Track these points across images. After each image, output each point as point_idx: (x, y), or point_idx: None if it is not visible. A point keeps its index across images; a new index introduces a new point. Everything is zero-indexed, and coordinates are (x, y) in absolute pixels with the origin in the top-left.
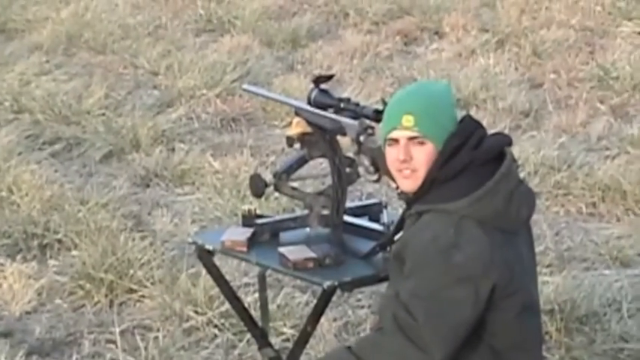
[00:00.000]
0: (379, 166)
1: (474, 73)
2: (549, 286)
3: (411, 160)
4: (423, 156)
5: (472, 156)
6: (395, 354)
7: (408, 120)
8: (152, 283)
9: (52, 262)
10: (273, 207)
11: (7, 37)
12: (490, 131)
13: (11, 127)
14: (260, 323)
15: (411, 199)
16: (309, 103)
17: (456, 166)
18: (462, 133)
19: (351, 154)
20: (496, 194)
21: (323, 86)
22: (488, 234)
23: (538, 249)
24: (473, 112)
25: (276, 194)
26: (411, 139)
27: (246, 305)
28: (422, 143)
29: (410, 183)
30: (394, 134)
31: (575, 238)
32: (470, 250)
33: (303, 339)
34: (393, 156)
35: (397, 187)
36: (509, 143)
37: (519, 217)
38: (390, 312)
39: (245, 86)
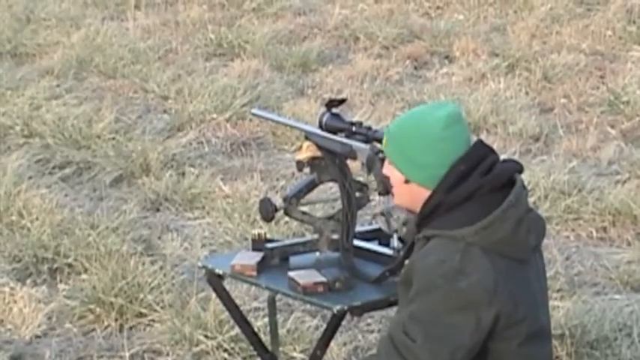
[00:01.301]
0: (389, 189)
1: (484, 97)
2: (559, 310)
3: (388, 178)
4: (392, 177)
5: (481, 182)
6: None
7: (384, 139)
8: (162, 307)
9: (62, 286)
10: (283, 231)
11: (18, 62)
12: (500, 156)
13: (22, 151)
14: (270, 348)
15: (419, 223)
16: (321, 126)
17: (464, 191)
18: (470, 157)
19: (361, 179)
20: (504, 222)
21: (335, 110)
22: (494, 262)
23: (548, 274)
24: (483, 137)
25: (286, 218)
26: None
27: (256, 329)
28: (393, 165)
29: (395, 200)
30: None
31: (585, 262)
32: (475, 277)
33: None
34: None
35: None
36: (520, 170)
37: (527, 245)
38: (387, 334)
39: (255, 110)
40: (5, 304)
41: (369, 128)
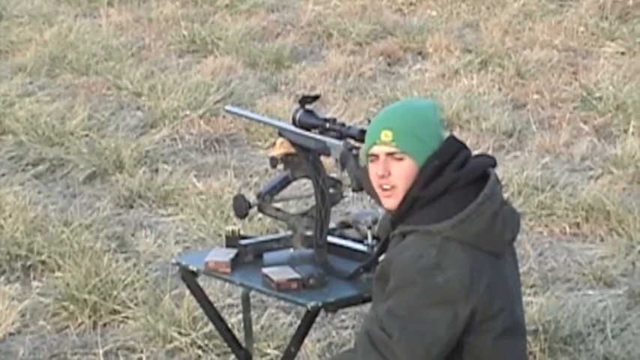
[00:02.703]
0: (363, 186)
1: (457, 93)
2: (533, 306)
3: (389, 175)
4: (401, 172)
5: (455, 177)
6: None
7: (386, 135)
8: (136, 304)
9: (35, 283)
10: (257, 228)
11: None
12: (474, 152)
13: None
14: (244, 344)
15: (394, 220)
16: (294, 123)
17: (439, 186)
18: (444, 153)
19: (335, 175)
20: (479, 216)
21: (308, 107)
22: (471, 256)
23: (522, 269)
24: (456, 133)
25: (260, 215)
26: (390, 154)
27: (230, 326)
28: (400, 159)
29: (391, 201)
30: (374, 150)
31: (558, 258)
32: (451, 272)
33: None
34: (373, 172)
35: (381, 207)
36: (494, 164)
37: (503, 238)
38: (364, 330)
39: (228, 107)
40: None
41: (343, 125)
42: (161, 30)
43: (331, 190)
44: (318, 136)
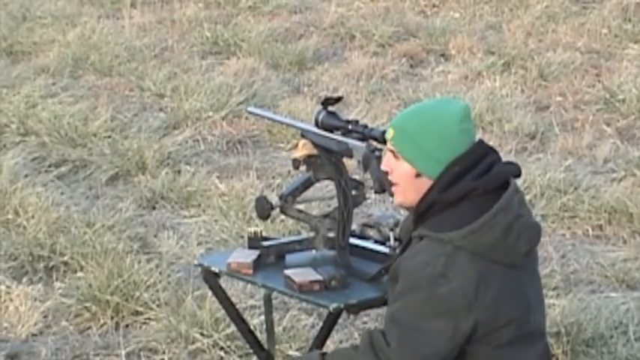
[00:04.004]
0: (385, 188)
1: (479, 95)
2: (555, 308)
3: (391, 172)
4: (400, 171)
5: (474, 185)
6: None
7: (389, 132)
8: (158, 306)
9: (58, 284)
10: (279, 229)
11: (14, 60)
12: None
13: (17, 149)
14: (266, 346)
15: (415, 221)
16: (317, 125)
17: (457, 192)
18: (467, 158)
19: (357, 177)
20: (492, 227)
21: (331, 108)
22: (481, 267)
23: (544, 272)
24: (479, 135)
25: (282, 217)
26: (392, 151)
27: (252, 327)
28: (399, 158)
29: (396, 198)
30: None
31: (581, 260)
32: (457, 283)
33: None
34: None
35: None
36: (517, 174)
37: (517, 250)
38: (369, 331)
39: (250, 108)
40: (1, 302)
41: (365, 126)
42: (184, 31)
43: (353, 192)
44: (341, 138)
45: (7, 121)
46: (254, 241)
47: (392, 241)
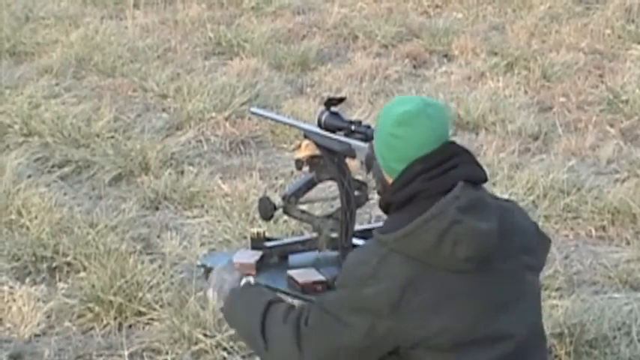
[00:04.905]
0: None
1: (482, 95)
2: (558, 309)
3: None
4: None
5: (422, 187)
6: (277, 338)
7: None
8: (161, 306)
9: (61, 284)
10: (282, 230)
11: (17, 61)
12: (500, 155)
13: (21, 150)
14: None
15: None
16: (320, 125)
17: (405, 194)
18: (429, 159)
19: (360, 177)
20: (425, 232)
21: (334, 109)
22: (412, 272)
23: (547, 272)
24: (482, 136)
25: (285, 217)
26: None
27: None
28: None
29: None
30: None
31: (584, 261)
32: (384, 285)
33: None
34: None
35: None
36: (475, 178)
37: (455, 257)
38: (308, 305)
39: (254, 109)
40: (4, 302)
41: (368, 127)
42: (187, 32)
43: (356, 193)
44: (344, 139)
45: (11, 122)
46: (257, 242)
47: None
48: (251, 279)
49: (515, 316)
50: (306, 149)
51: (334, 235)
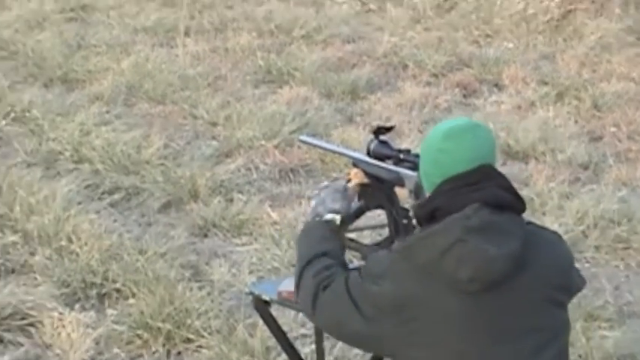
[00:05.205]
0: None
1: (533, 125)
2: (609, 340)
3: None
4: None
5: (441, 203)
6: (303, 287)
7: None
8: (209, 333)
9: (110, 311)
10: None
11: (69, 88)
12: (550, 184)
13: (71, 176)
14: None
15: None
16: (369, 154)
17: (427, 209)
18: (459, 178)
19: (408, 206)
20: (426, 248)
21: (382, 137)
22: (420, 283)
23: (597, 303)
24: (532, 165)
25: None
26: None
27: (303, 356)
28: None
29: None
30: None
31: (634, 292)
32: (388, 287)
33: None
34: None
35: None
36: (502, 204)
37: (458, 275)
38: (334, 273)
39: (302, 137)
40: (54, 328)
41: (417, 155)
42: (237, 60)
43: (405, 221)
44: (392, 167)
45: (62, 149)
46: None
47: None
48: (337, 218)
49: (520, 352)
50: (355, 177)
51: None
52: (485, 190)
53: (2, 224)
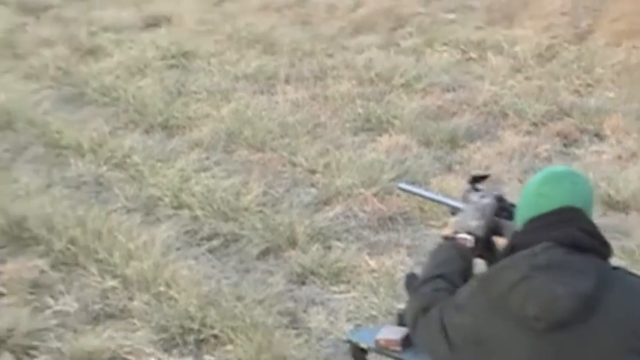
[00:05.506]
0: None
1: (634, 175)
2: None
3: None
4: None
5: (518, 241)
6: (409, 304)
7: None
8: None
9: (208, 357)
10: None
11: (169, 134)
12: None
13: (170, 222)
14: None
15: None
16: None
17: (508, 246)
18: (542, 218)
19: None
20: (497, 282)
21: (479, 186)
22: (490, 317)
23: None
24: (633, 216)
25: None
26: None
27: None
28: None
29: None
30: None
31: None
32: (463, 320)
33: None
34: None
35: None
36: (578, 245)
37: (525, 311)
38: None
39: (401, 185)
40: None
41: (513, 205)
42: (337, 108)
43: None
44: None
45: (161, 194)
46: (403, 318)
47: None
48: (471, 240)
49: None
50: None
51: None
52: (562, 230)
53: (102, 269)
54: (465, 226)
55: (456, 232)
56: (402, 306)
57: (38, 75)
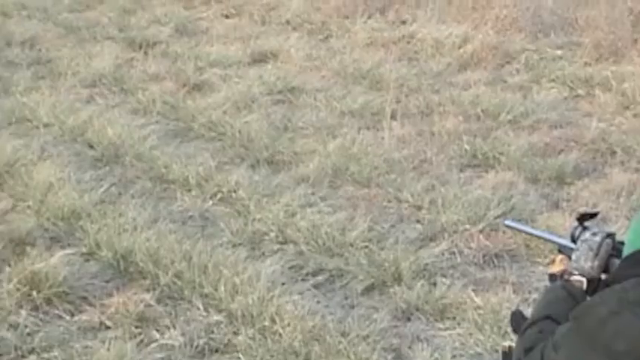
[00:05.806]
0: None
1: None
2: None
3: None
4: None
5: (615, 275)
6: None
7: None
8: None
9: None
10: None
11: (275, 169)
12: None
13: (276, 257)
14: None
15: None
16: (573, 240)
17: (606, 279)
18: (637, 255)
19: None
20: (590, 316)
21: (587, 224)
22: (589, 353)
23: None
24: None
25: None
26: None
27: None
28: None
29: None
30: None
31: None
32: (557, 358)
33: None
34: None
35: None
36: None
37: (614, 347)
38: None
39: (508, 222)
40: None
41: (622, 243)
42: (443, 144)
43: None
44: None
45: (267, 229)
46: (508, 356)
47: None
48: (583, 281)
49: None
50: (560, 264)
51: None
52: None
53: (207, 303)
54: (579, 267)
55: (567, 271)
56: (507, 343)
57: (145, 110)
